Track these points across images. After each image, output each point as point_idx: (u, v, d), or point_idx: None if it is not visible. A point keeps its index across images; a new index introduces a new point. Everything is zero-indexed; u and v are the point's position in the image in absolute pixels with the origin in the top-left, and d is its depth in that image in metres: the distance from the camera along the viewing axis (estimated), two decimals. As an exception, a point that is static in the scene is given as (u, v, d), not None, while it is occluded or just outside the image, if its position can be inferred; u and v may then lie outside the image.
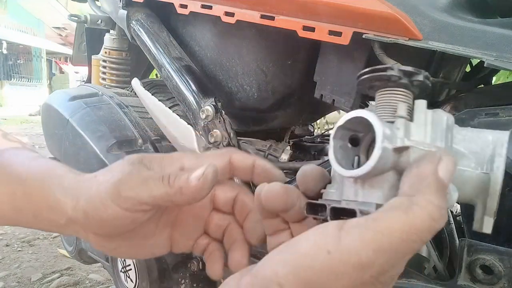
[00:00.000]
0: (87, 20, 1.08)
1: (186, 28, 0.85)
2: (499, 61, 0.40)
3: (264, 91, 0.77)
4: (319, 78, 0.64)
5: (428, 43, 0.46)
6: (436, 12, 0.50)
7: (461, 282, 0.45)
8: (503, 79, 1.24)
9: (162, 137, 0.88)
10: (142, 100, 0.77)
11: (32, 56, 11.72)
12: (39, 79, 11.98)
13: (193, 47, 0.84)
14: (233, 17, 0.63)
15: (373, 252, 0.22)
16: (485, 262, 0.44)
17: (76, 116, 0.90)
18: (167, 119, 0.71)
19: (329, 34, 0.52)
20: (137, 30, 0.86)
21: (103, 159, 0.82)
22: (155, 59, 0.82)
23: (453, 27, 0.47)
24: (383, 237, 0.22)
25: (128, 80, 1.13)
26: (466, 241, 0.46)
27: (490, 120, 0.46)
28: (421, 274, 0.49)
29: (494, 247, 0.44)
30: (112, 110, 0.92)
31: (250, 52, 0.74)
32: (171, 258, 0.76)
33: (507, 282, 0.43)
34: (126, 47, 1.11)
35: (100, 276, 1.63)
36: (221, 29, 0.75)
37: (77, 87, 1.12)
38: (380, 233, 0.22)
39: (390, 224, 0.23)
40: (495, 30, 0.45)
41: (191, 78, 0.75)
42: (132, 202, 0.32)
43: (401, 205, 0.24)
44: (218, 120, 0.69)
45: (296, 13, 0.55)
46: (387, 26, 0.47)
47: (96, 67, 1.17)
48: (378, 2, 0.48)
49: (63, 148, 0.93)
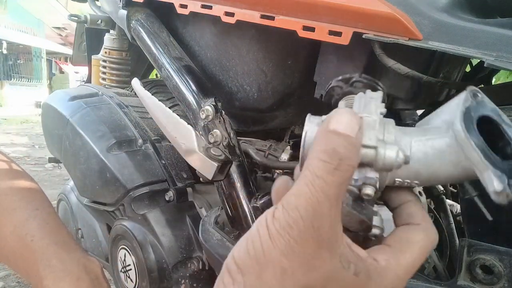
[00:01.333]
0: (87, 20, 1.08)
1: (186, 28, 0.85)
2: (499, 61, 0.40)
3: (264, 91, 0.77)
4: (319, 78, 0.64)
5: (428, 43, 0.46)
6: (436, 12, 0.50)
7: (461, 282, 0.45)
8: (503, 79, 1.24)
9: (162, 137, 0.88)
10: (142, 100, 0.77)
11: (32, 56, 11.72)
12: (39, 79, 11.98)
13: (193, 47, 0.84)
14: (233, 17, 0.63)
15: (292, 210, 0.25)
16: (485, 262, 0.44)
17: (76, 116, 0.90)
18: (167, 119, 0.71)
19: (329, 34, 0.52)
20: (137, 30, 0.86)
21: (103, 159, 0.82)
22: (155, 59, 0.82)
23: (453, 27, 0.47)
24: (295, 197, 0.26)
25: (128, 80, 1.13)
26: (466, 241, 0.46)
27: (490, 120, 0.46)
28: (421, 274, 0.49)
29: (494, 247, 0.44)
30: (112, 110, 0.92)
31: (250, 52, 0.74)
32: (171, 258, 0.76)
33: (507, 282, 0.43)
34: (126, 47, 1.11)
35: (100, 276, 1.63)
36: (221, 29, 0.75)
37: (77, 87, 1.12)
38: (293, 195, 0.26)
39: (297, 184, 0.26)
40: (495, 30, 0.45)
41: (191, 78, 0.75)
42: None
43: (304, 166, 0.27)
44: (218, 120, 0.69)
45: (296, 13, 0.55)
46: (387, 26, 0.47)
47: (96, 67, 1.17)
48: (378, 2, 0.48)
49: (63, 148, 0.93)
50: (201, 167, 0.65)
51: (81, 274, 0.43)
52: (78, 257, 0.45)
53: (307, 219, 0.25)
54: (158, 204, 0.80)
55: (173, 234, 0.77)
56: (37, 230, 0.45)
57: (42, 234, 0.45)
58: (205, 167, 0.64)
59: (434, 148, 0.27)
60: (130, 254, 0.80)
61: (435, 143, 0.28)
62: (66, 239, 0.47)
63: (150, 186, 0.80)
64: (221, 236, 0.66)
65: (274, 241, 0.25)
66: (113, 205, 0.84)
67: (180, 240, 0.78)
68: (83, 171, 0.87)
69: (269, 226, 0.26)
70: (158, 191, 0.81)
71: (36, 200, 0.49)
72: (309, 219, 0.25)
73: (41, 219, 0.47)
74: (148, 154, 0.85)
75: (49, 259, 0.43)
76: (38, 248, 0.44)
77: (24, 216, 0.46)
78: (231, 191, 0.70)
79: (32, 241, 0.44)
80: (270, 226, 0.26)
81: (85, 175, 0.87)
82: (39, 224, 0.46)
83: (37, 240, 0.44)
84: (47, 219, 0.47)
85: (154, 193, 0.80)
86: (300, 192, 0.26)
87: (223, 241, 0.65)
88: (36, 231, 0.45)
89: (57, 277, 0.42)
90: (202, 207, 0.84)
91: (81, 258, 0.46)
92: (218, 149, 0.66)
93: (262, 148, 0.80)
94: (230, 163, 0.67)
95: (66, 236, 0.48)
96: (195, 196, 0.85)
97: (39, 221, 0.46)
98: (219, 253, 0.63)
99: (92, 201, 0.93)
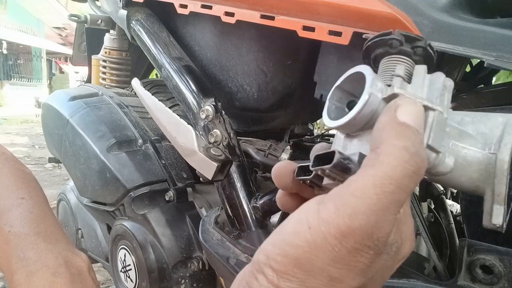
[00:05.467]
0: (87, 20, 1.08)
1: (186, 28, 0.85)
2: (499, 61, 0.40)
3: (264, 91, 0.77)
4: (319, 78, 0.64)
5: (428, 43, 0.46)
6: (436, 12, 0.50)
7: (461, 282, 0.45)
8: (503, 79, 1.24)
9: (162, 137, 0.88)
10: (142, 100, 0.77)
11: (32, 56, 11.72)
12: (39, 79, 11.98)
13: (193, 47, 0.84)
14: (233, 17, 0.63)
15: (348, 217, 0.21)
16: (485, 262, 0.44)
17: (76, 116, 0.90)
18: (167, 119, 0.71)
19: (329, 34, 0.52)
20: (137, 30, 0.86)
21: (103, 159, 0.82)
22: (155, 59, 0.82)
23: (453, 27, 0.47)
24: (355, 199, 0.21)
25: (128, 80, 1.13)
26: (466, 241, 0.46)
27: (490, 120, 0.46)
28: (421, 274, 0.49)
29: (494, 247, 0.44)
30: (112, 110, 0.92)
31: (250, 52, 0.74)
32: (171, 258, 0.76)
33: (507, 282, 0.43)
34: (126, 47, 1.11)
35: (100, 276, 1.63)
36: (221, 29, 0.75)
37: (77, 87, 1.12)
38: (352, 195, 0.21)
39: (361, 183, 0.21)
40: (495, 30, 0.45)
41: (191, 78, 0.75)
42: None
43: (368, 161, 0.22)
44: (218, 120, 0.69)
45: (296, 13, 0.55)
46: (387, 26, 0.47)
47: (96, 67, 1.17)
48: (378, 2, 0.48)
49: (63, 148, 0.93)
50: (201, 167, 0.65)
51: (59, 269, 0.38)
52: (59, 249, 0.40)
53: (368, 230, 0.21)
54: (158, 204, 0.80)
55: (173, 234, 0.77)
56: (18, 220, 0.41)
57: (22, 224, 0.41)
58: (205, 167, 0.64)
59: (465, 159, 0.27)
60: (130, 254, 0.80)
61: (468, 154, 0.27)
62: (50, 229, 0.42)
63: (150, 186, 0.80)
64: (221, 236, 0.66)
65: (319, 248, 0.21)
66: (113, 205, 0.84)
67: (180, 240, 0.78)
68: (83, 171, 0.87)
69: (313, 228, 0.22)
70: (158, 191, 0.81)
71: (22, 189, 0.44)
72: (371, 230, 0.21)
73: (25, 208, 0.42)
74: (148, 154, 0.85)
75: (24, 250, 0.39)
76: (13, 238, 0.39)
77: (6, 205, 0.42)
78: (231, 191, 0.70)
79: (9, 232, 0.40)
80: (314, 228, 0.22)
81: (85, 175, 0.87)
82: (21, 213, 0.41)
83: (15, 230, 0.40)
84: (32, 209, 0.43)
85: (154, 193, 0.80)
86: (365, 195, 0.21)
87: (223, 241, 0.65)
88: (16, 221, 0.40)
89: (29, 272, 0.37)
90: (202, 207, 0.84)
91: (63, 250, 0.40)
92: (218, 149, 0.66)
93: (262, 148, 0.80)
94: (230, 163, 0.67)
95: (51, 226, 0.43)
96: (195, 196, 0.85)
97: (21, 211, 0.42)
98: (219, 253, 0.63)
99: (92, 201, 0.93)
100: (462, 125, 0.27)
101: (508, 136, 0.26)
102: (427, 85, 0.27)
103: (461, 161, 0.26)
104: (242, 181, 0.70)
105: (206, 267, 0.77)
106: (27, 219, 0.41)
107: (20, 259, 0.38)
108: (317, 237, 0.21)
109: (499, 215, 0.25)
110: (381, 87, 0.25)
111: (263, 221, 0.68)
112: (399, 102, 0.24)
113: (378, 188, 0.21)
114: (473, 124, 0.27)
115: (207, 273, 0.78)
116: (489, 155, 0.26)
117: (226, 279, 0.65)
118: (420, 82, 0.27)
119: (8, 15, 10.38)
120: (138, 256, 0.77)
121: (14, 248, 0.39)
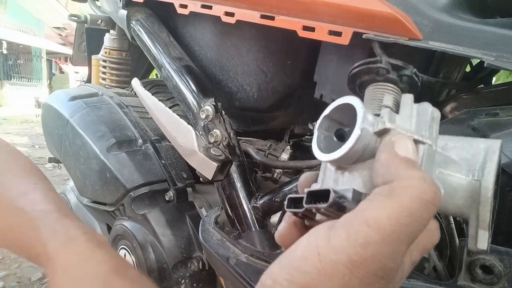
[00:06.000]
0: (87, 20, 1.08)
1: (186, 28, 0.85)
2: (499, 61, 0.40)
3: (264, 91, 0.77)
4: (319, 78, 0.64)
5: (428, 43, 0.46)
6: (436, 12, 0.50)
7: (461, 282, 0.45)
8: (503, 79, 1.24)
9: (162, 137, 0.88)
10: (142, 100, 0.77)
11: (32, 56, 11.71)
12: (39, 79, 11.97)
13: (193, 47, 0.84)
14: (233, 17, 0.63)
15: (361, 247, 0.20)
16: (485, 262, 0.44)
17: (76, 116, 0.90)
18: (167, 119, 0.71)
19: (329, 34, 0.52)
20: (137, 30, 0.86)
21: (103, 159, 0.82)
22: (155, 59, 0.82)
23: (453, 27, 0.47)
24: (368, 228, 0.21)
25: (128, 80, 1.13)
26: (466, 241, 0.46)
27: (490, 120, 0.46)
28: (421, 274, 0.49)
29: (494, 247, 0.44)
30: (112, 110, 0.92)
31: (250, 52, 0.74)
32: (171, 258, 0.76)
33: (507, 282, 0.43)
34: (126, 47, 1.12)
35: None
36: (221, 29, 0.75)
37: (77, 87, 1.12)
38: (366, 225, 0.21)
39: (375, 213, 0.21)
40: (495, 30, 0.45)
41: (191, 78, 0.75)
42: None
43: (382, 191, 0.22)
44: (218, 120, 0.69)
45: (296, 13, 0.55)
46: (387, 26, 0.47)
47: (96, 67, 1.17)
48: (378, 2, 0.48)
49: (63, 148, 0.93)
50: (201, 167, 0.65)
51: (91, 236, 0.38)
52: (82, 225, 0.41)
53: (380, 260, 0.20)
54: (158, 204, 0.80)
55: (173, 234, 0.77)
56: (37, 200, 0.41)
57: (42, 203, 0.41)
58: (205, 167, 0.64)
59: (451, 186, 0.27)
60: (130, 254, 0.80)
61: (453, 181, 0.27)
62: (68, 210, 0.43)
63: (150, 186, 0.80)
64: (221, 236, 0.66)
65: (329, 276, 0.21)
66: (113, 205, 0.84)
67: (180, 240, 0.78)
68: (83, 171, 0.87)
69: (323, 255, 0.21)
70: (158, 191, 0.81)
71: (33, 176, 0.45)
72: (384, 260, 0.21)
73: (41, 191, 0.42)
74: (148, 154, 0.85)
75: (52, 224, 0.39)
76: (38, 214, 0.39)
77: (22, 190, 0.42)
78: (231, 191, 0.70)
79: (33, 210, 0.40)
80: (324, 256, 0.21)
81: (85, 175, 0.87)
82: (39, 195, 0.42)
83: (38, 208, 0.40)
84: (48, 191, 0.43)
85: (154, 193, 0.80)
86: (379, 225, 0.20)
87: (223, 241, 0.65)
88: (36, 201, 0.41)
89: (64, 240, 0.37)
90: (202, 207, 0.84)
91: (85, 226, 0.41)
92: (218, 149, 0.66)
93: (262, 148, 0.80)
94: (230, 163, 0.67)
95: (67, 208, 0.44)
96: (195, 196, 0.85)
97: (38, 193, 0.42)
98: (219, 253, 0.63)
99: (92, 201, 0.93)
100: (446, 151, 0.28)
101: (491, 163, 0.27)
102: (415, 116, 0.27)
103: (448, 189, 0.27)
104: (242, 181, 0.70)
105: (206, 267, 0.77)
106: (46, 199, 0.42)
107: (50, 230, 0.38)
108: (326, 264, 0.21)
109: (483, 240, 0.26)
110: (372, 121, 0.25)
111: (263, 221, 0.68)
112: (394, 139, 0.24)
113: (393, 220, 0.21)
114: (456, 150, 0.28)
115: (207, 273, 0.78)
116: (473, 182, 0.27)
117: (226, 279, 0.65)
118: (408, 113, 0.27)
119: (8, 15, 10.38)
120: (138, 256, 0.77)
121: (41, 223, 0.39)
